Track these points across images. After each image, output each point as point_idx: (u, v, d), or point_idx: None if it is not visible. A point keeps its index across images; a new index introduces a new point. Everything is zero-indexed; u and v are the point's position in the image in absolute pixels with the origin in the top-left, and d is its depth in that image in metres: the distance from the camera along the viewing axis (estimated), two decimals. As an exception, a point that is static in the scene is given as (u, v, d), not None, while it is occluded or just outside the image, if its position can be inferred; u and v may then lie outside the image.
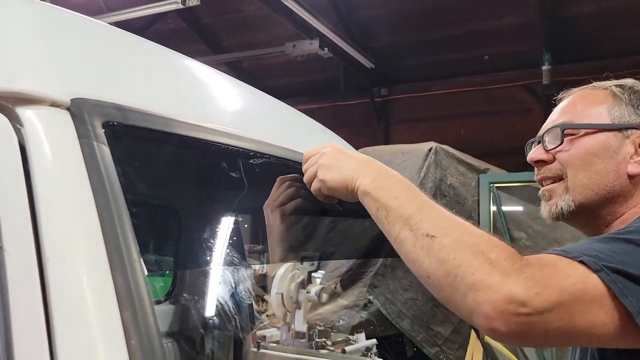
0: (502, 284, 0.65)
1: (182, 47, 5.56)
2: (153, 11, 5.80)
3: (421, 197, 0.79)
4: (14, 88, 0.61)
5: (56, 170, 0.56)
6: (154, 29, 6.88)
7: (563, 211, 0.92)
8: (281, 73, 7.94)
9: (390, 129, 8.37)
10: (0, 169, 0.56)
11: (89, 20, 0.89)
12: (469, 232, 0.71)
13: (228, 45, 7.55)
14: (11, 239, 0.52)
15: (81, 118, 0.61)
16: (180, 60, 1.02)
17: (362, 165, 0.85)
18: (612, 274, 0.67)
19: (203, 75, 1.04)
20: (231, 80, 1.17)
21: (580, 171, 0.92)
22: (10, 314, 0.49)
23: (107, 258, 0.51)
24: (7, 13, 0.74)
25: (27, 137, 0.58)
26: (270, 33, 6.82)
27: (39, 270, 0.50)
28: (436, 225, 0.72)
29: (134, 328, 0.47)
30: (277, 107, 1.34)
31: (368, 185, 0.81)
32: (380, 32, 7.19)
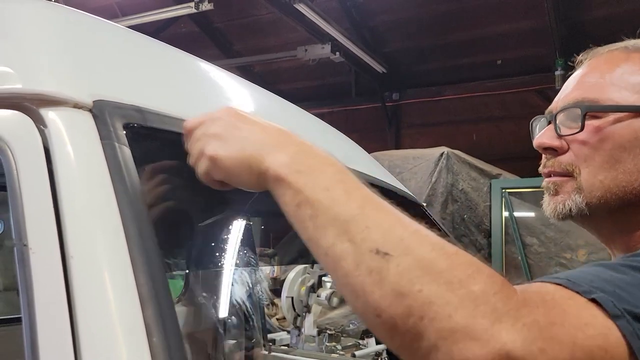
0: (493, 333, 0.45)
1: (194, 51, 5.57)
2: (166, 15, 5.87)
3: (363, 189, 0.55)
4: (38, 90, 0.62)
5: (79, 171, 0.57)
6: (167, 33, 6.94)
7: (572, 212, 0.72)
8: (292, 77, 7.97)
9: (401, 134, 8.36)
10: (24, 170, 0.57)
11: (109, 24, 0.90)
12: (440, 250, 0.48)
13: (240, 50, 7.60)
14: (36, 237, 0.53)
15: (103, 119, 0.62)
16: (199, 64, 1.03)
17: (274, 136, 0.59)
18: (633, 322, 0.49)
19: (220, 79, 1.05)
20: (247, 83, 1.18)
21: (602, 170, 0.70)
22: (35, 311, 0.50)
23: (129, 256, 0.52)
24: (30, 16, 0.75)
25: (51, 138, 0.59)
26: (282, 37, 6.86)
27: (62, 268, 0.51)
28: (391, 237, 0.49)
29: (156, 326, 0.48)
30: (292, 110, 1.35)
31: (285, 167, 0.55)
32: (392, 36, 7.20)
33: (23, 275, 0.52)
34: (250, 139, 0.59)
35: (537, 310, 0.47)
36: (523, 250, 5.14)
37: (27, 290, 0.51)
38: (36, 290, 0.51)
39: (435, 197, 5.20)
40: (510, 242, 5.23)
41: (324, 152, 0.58)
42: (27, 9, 0.79)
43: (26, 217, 0.54)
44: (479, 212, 5.32)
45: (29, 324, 0.49)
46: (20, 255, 0.52)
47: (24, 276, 0.51)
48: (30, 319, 0.50)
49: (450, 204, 5.23)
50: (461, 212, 5.25)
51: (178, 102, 0.80)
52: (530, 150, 0.80)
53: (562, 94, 0.77)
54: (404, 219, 0.52)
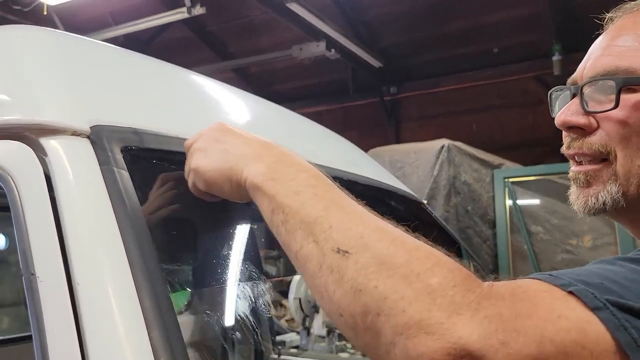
0: (449, 326, 0.42)
1: (189, 56, 5.67)
2: (159, 22, 5.88)
3: (334, 191, 0.55)
4: (37, 120, 0.64)
5: (80, 197, 0.59)
6: (161, 39, 6.96)
7: (606, 206, 0.63)
8: (289, 77, 7.98)
9: (401, 128, 8.36)
10: (27, 199, 0.59)
11: (103, 45, 0.92)
12: (399, 245, 0.48)
13: (235, 52, 7.60)
14: (42, 265, 0.55)
15: (101, 145, 0.64)
16: (193, 78, 1.04)
17: (254, 149, 0.61)
18: (620, 313, 0.44)
19: (215, 91, 1.07)
20: (242, 93, 1.20)
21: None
22: (46, 337, 0.51)
23: (133, 279, 0.54)
24: (26, 43, 0.77)
25: (52, 166, 0.61)
26: (277, 37, 6.86)
27: (70, 295, 0.53)
28: (351, 235, 0.49)
29: (162, 347, 0.50)
30: (288, 116, 1.37)
31: (261, 176, 0.57)
32: (387, 30, 7.20)
33: (32, 303, 0.53)
34: (232, 151, 0.62)
35: (501, 303, 0.44)
36: (529, 239, 5.14)
37: (37, 317, 0.53)
38: (46, 316, 0.52)
39: (438, 190, 5.20)
40: (516, 232, 5.23)
41: (302, 160, 0.60)
42: (22, 36, 0.80)
43: (32, 246, 0.56)
44: (483, 203, 5.33)
45: (40, 348, 0.51)
46: (29, 284, 0.54)
47: (33, 304, 0.53)
48: (41, 343, 0.51)
49: (454, 196, 5.23)
50: (465, 203, 5.26)
51: (174, 120, 0.82)
52: (531, 138, 0.68)
53: (588, 60, 0.66)
54: (367, 216, 0.52)
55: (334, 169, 1.16)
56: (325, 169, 1.09)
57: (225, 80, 4.83)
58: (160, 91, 0.90)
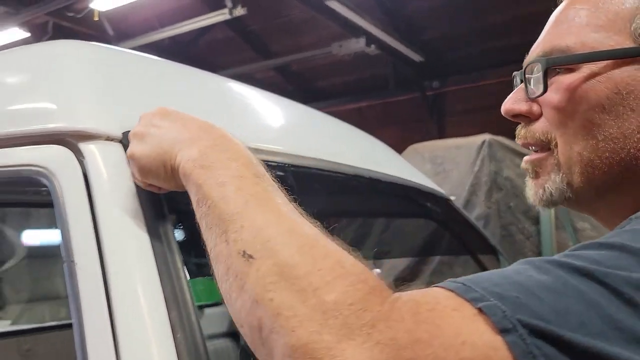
0: (336, 353, 0.37)
1: (231, 56, 5.83)
2: (202, 24, 6.06)
3: (260, 185, 0.50)
4: (77, 127, 0.73)
5: (112, 195, 0.67)
6: (204, 40, 7.17)
7: (553, 197, 0.58)
8: (329, 73, 8.04)
9: (444, 123, 8.27)
10: (68, 196, 0.68)
11: (136, 55, 1.01)
12: (307, 251, 0.43)
13: (276, 50, 7.73)
14: (80, 253, 0.64)
15: (131, 149, 0.72)
16: (219, 83, 1.12)
17: (192, 131, 0.57)
18: (530, 337, 0.38)
19: (240, 96, 1.14)
20: (268, 95, 1.26)
21: (578, 138, 0.55)
22: (82, 316, 0.60)
23: (156, 267, 0.62)
24: (69, 60, 0.86)
25: (88, 167, 0.70)
26: (316, 35, 6.94)
27: (103, 280, 0.61)
28: (260, 237, 0.44)
29: (179, 325, 0.58)
30: (315, 116, 1.43)
31: (191, 162, 0.53)
32: (428, 24, 7.13)
33: (71, 287, 0.62)
34: (167, 135, 0.58)
35: (399, 325, 0.38)
36: (575, 236, 5.00)
37: (75, 299, 0.61)
38: (82, 299, 0.61)
39: (479, 186, 5.12)
40: (561, 228, 5.09)
41: (238, 145, 0.55)
42: (65, 51, 0.90)
43: (72, 237, 0.65)
44: (526, 199, 5.21)
45: (78, 324, 0.60)
46: (69, 270, 0.63)
47: (72, 287, 0.62)
48: (79, 321, 0.60)
49: (495, 192, 5.14)
50: (507, 200, 5.15)
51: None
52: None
53: (539, 39, 0.62)
54: (285, 216, 0.47)
55: (356, 167, 1.21)
56: (347, 168, 1.15)
57: (267, 79, 5.03)
58: (185, 97, 0.98)
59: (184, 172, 0.54)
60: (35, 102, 0.82)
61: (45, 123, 0.76)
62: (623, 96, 0.53)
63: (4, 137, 0.80)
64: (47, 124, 0.76)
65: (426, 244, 2.25)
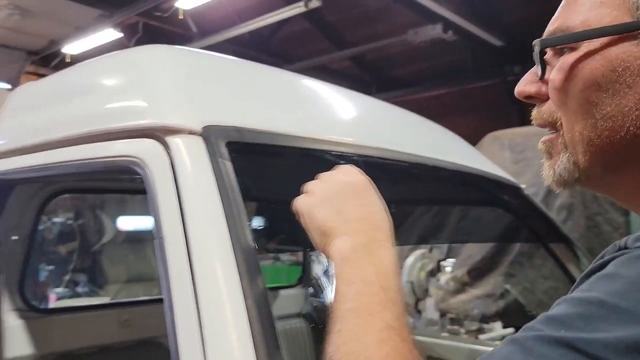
0: None
1: (308, 48, 5.94)
2: (279, 17, 6.23)
3: (378, 296, 0.56)
4: (164, 122, 0.84)
5: (195, 181, 0.78)
6: (282, 33, 7.35)
7: (564, 179, 0.58)
8: (405, 61, 7.96)
9: (525, 109, 7.78)
10: (158, 182, 0.80)
11: (214, 56, 1.12)
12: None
13: (351, 40, 7.76)
14: (168, 230, 0.75)
15: (210, 141, 0.83)
16: (293, 79, 1.21)
17: (354, 221, 0.63)
18: None
19: (307, 89, 1.22)
20: (337, 89, 1.33)
21: (578, 118, 0.56)
22: (171, 283, 0.71)
23: (231, 243, 0.72)
24: (156, 63, 0.99)
25: (175, 158, 0.81)
26: (392, 23, 6.89)
27: (187, 252, 0.72)
28: (345, 349, 0.52)
29: (249, 291, 0.67)
30: (383, 109, 1.48)
31: (343, 251, 0.61)
32: (507, 6, 6.85)
33: (161, 258, 0.73)
34: (339, 216, 0.64)
35: None
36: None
37: (164, 268, 0.73)
38: (170, 268, 0.72)
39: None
40: (654, 219, 4.76)
41: (387, 251, 0.61)
42: (152, 55, 1.03)
43: (161, 217, 0.76)
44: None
45: (166, 288, 0.71)
46: (159, 245, 0.74)
47: (162, 259, 0.73)
48: (167, 289, 0.71)
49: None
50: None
51: (270, 117, 0.99)
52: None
53: None
54: (381, 338, 0.52)
55: (422, 156, 1.25)
56: (413, 157, 1.19)
57: (342, 69, 5.09)
58: (258, 92, 1.07)
59: (332, 257, 0.62)
60: (128, 101, 0.95)
61: (137, 119, 0.88)
62: (619, 73, 0.52)
63: (103, 132, 0.94)
64: (139, 120, 0.88)
65: (499, 233, 2.23)
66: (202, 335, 0.66)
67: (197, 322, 0.67)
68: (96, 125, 0.95)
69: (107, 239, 4.97)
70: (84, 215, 5.21)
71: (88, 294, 4.92)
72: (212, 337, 0.65)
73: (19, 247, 1.58)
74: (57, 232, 5.14)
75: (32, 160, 1.11)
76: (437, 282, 4.26)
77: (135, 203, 4.83)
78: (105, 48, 6.55)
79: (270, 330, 0.65)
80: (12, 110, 1.36)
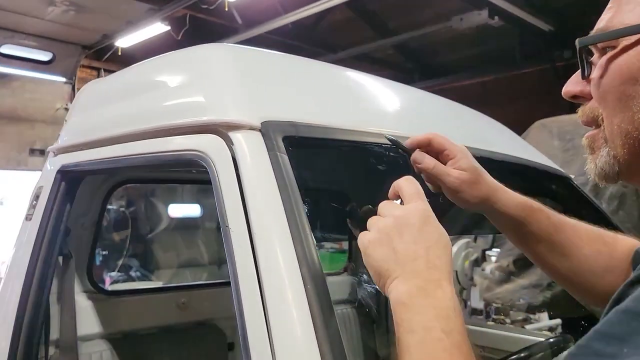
0: None
1: (351, 35, 5.96)
2: (323, 7, 6.24)
3: (443, 342, 0.56)
4: (226, 119, 0.90)
5: (255, 174, 0.84)
6: (325, 22, 7.36)
7: (605, 172, 0.61)
8: (450, 48, 7.82)
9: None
10: (222, 175, 0.86)
11: (268, 53, 1.17)
12: None
13: (395, 28, 7.69)
14: (233, 220, 0.81)
15: (268, 136, 0.88)
16: (339, 73, 1.25)
17: (410, 262, 0.62)
18: None
19: (355, 84, 1.26)
20: (381, 81, 1.37)
21: (616, 111, 0.58)
22: (237, 270, 0.77)
23: (290, 232, 0.77)
24: (216, 61, 1.05)
25: (236, 152, 0.87)
26: (435, 9, 6.78)
27: (250, 241, 0.78)
28: None
29: (308, 277, 0.73)
30: (430, 100, 1.50)
31: (398, 296, 0.61)
32: (557, -10, 6.62)
33: (227, 246, 0.80)
34: (393, 255, 0.63)
35: None
36: None
37: (230, 255, 0.79)
38: (236, 255, 0.78)
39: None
40: None
41: (446, 290, 0.60)
42: (211, 53, 1.09)
43: (226, 207, 0.83)
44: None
45: (234, 278, 0.77)
46: (225, 233, 0.81)
47: (228, 246, 0.80)
48: (234, 274, 0.78)
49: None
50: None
51: (322, 112, 1.03)
52: None
53: None
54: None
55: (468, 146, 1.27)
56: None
57: (386, 57, 5.08)
58: (311, 88, 1.12)
59: (390, 298, 0.63)
60: (191, 98, 1.02)
61: (200, 116, 0.95)
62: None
63: (168, 128, 1.01)
64: (202, 116, 0.94)
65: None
66: (266, 316, 0.72)
67: (260, 304, 0.73)
68: (162, 121, 1.02)
69: (160, 228, 5.18)
70: (136, 204, 5.45)
71: (140, 278, 5.16)
72: (275, 318, 0.72)
73: (86, 233, 1.70)
74: (111, 220, 5.39)
75: (103, 153, 1.20)
76: (482, 271, 4.23)
77: (185, 192, 5.01)
78: (154, 41, 6.76)
79: (328, 311, 0.71)
80: (81, 106, 1.46)
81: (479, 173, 0.85)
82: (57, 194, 1.35)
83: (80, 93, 1.50)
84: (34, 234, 1.33)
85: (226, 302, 2.02)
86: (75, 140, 1.36)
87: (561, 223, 0.89)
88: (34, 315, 1.28)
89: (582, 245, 0.87)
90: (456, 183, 0.81)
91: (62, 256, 1.44)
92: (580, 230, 0.89)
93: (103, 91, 1.43)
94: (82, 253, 1.71)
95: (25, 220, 1.41)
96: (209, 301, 2.01)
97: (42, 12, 5.99)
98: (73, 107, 1.49)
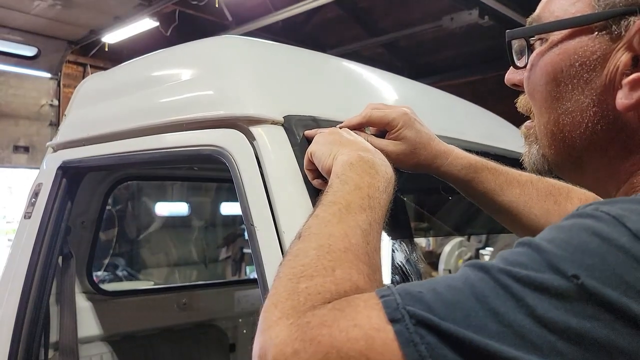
0: (271, 326, 0.46)
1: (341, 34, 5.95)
2: (313, 5, 6.20)
3: (362, 200, 0.58)
4: (247, 113, 0.87)
5: (280, 170, 0.80)
6: (316, 20, 7.32)
7: (537, 168, 0.60)
8: (440, 47, 7.84)
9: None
10: (244, 171, 0.82)
11: (285, 48, 1.14)
12: (323, 252, 0.51)
13: (385, 27, 7.68)
14: (258, 219, 0.77)
15: (291, 130, 0.85)
16: (351, 68, 1.22)
17: (356, 144, 0.70)
18: (415, 327, 0.41)
19: (369, 78, 1.23)
20: (389, 75, 1.34)
21: (543, 111, 0.56)
22: (264, 269, 0.74)
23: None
24: (233, 54, 1.01)
25: (259, 148, 0.83)
26: (425, 8, 6.78)
27: (278, 240, 0.74)
28: (310, 228, 0.56)
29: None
30: (433, 94, 1.48)
31: (348, 160, 0.65)
32: (546, -10, 6.66)
33: (253, 246, 0.76)
34: (339, 140, 0.72)
35: (319, 312, 0.45)
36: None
37: (257, 255, 0.75)
38: (263, 255, 0.75)
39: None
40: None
41: (389, 171, 0.65)
42: (227, 46, 1.05)
43: (250, 205, 0.79)
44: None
45: (260, 277, 0.74)
46: (250, 232, 0.77)
47: (254, 246, 0.76)
48: (260, 273, 0.74)
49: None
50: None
51: (339, 107, 1.00)
52: None
53: None
54: (347, 228, 0.54)
55: (471, 142, 1.25)
56: (472, 145, 1.19)
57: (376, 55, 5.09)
58: (329, 82, 1.09)
59: (337, 164, 0.66)
60: (207, 91, 0.98)
61: (220, 110, 0.91)
62: (576, 68, 0.51)
63: (182, 122, 0.97)
64: (221, 110, 0.91)
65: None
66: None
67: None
68: (176, 115, 0.98)
69: (151, 229, 5.10)
70: (122, 202, 5.36)
71: (127, 278, 5.08)
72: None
73: (87, 232, 1.65)
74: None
75: (109, 148, 1.15)
76: (475, 270, 4.23)
77: (174, 190, 4.94)
78: (142, 37, 6.65)
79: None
80: (81, 102, 1.41)
81: (417, 141, 0.82)
82: (57, 191, 1.30)
83: (80, 86, 1.44)
84: (34, 233, 1.28)
85: (228, 303, 2.00)
86: (78, 135, 1.31)
87: (509, 183, 0.86)
88: (34, 318, 1.23)
89: (531, 205, 0.85)
90: (393, 155, 0.80)
91: (62, 256, 1.39)
92: (530, 189, 0.86)
93: (107, 85, 1.38)
94: (82, 253, 1.65)
95: (23, 218, 1.36)
96: (211, 302, 1.97)
97: (28, 6, 5.86)
98: (73, 101, 1.43)
